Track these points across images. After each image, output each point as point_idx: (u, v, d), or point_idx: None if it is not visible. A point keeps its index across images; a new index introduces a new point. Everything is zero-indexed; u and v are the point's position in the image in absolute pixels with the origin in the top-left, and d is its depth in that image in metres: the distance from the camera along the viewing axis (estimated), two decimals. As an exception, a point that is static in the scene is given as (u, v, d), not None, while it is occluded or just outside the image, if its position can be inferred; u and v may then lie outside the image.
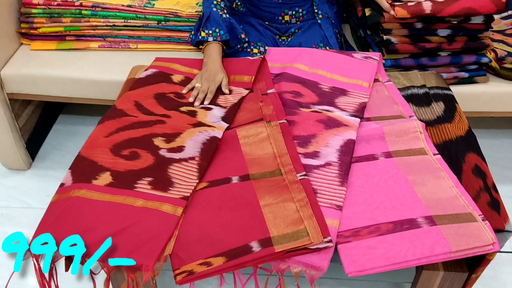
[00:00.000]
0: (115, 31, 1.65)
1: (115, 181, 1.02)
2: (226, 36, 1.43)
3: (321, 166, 1.07)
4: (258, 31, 1.57)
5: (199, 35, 1.44)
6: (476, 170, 1.09)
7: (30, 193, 1.70)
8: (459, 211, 0.97)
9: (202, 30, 1.43)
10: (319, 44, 1.56)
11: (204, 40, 1.43)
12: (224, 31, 1.43)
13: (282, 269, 0.91)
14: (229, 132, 1.17)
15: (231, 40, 1.48)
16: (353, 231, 0.94)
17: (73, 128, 2.00)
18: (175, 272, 0.89)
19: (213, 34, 1.42)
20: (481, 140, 1.21)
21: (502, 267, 1.46)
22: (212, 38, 1.42)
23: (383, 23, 1.43)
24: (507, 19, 1.72)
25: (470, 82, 1.53)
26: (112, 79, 1.55)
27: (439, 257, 0.90)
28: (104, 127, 1.16)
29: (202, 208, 0.98)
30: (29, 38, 1.69)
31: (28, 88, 1.61)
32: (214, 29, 1.42)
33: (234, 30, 1.49)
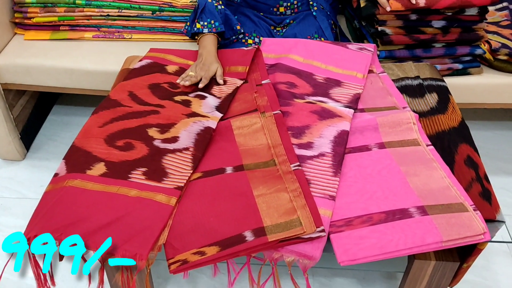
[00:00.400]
0: (109, 21, 1.64)
1: (109, 171, 1.02)
2: (221, 28, 1.43)
3: (314, 157, 1.08)
4: (253, 22, 1.57)
5: (194, 27, 1.44)
6: (469, 161, 1.09)
7: (25, 183, 1.70)
8: (451, 201, 0.98)
9: (197, 21, 1.43)
10: (314, 35, 1.56)
11: (199, 32, 1.43)
12: (219, 22, 1.43)
13: (275, 258, 0.92)
14: (223, 123, 1.17)
15: (226, 31, 1.48)
16: (345, 220, 0.95)
17: (68, 118, 1.99)
18: (169, 261, 0.90)
19: (208, 26, 1.42)
20: (474, 131, 1.22)
21: (493, 256, 1.47)
22: (207, 29, 1.42)
23: (378, 14, 1.43)
24: (501, 10, 1.72)
25: (464, 73, 1.54)
26: (107, 69, 1.55)
27: (430, 247, 0.91)
28: (98, 117, 1.16)
29: (196, 198, 0.99)
30: (23, 28, 1.68)
31: (22, 78, 1.60)
32: (209, 20, 1.42)
33: (229, 21, 1.49)
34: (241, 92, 1.28)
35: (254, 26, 1.57)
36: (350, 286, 1.39)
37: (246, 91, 1.28)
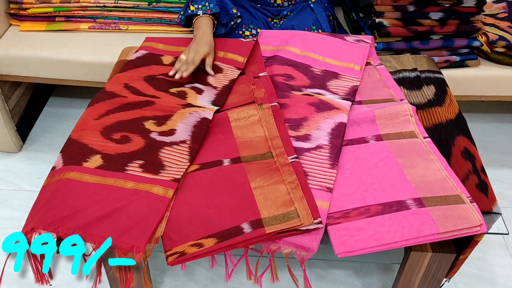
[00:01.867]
0: (106, 12, 1.63)
1: (105, 163, 1.02)
2: (216, 9, 1.39)
3: (312, 149, 1.07)
4: (250, 14, 1.56)
5: (188, 10, 1.40)
6: (465, 153, 1.10)
7: (21, 175, 1.70)
8: (447, 193, 0.98)
9: (191, 4, 1.40)
10: (311, 27, 1.55)
11: (193, 14, 1.39)
12: (214, 4, 1.39)
13: (273, 250, 0.93)
14: (220, 115, 1.17)
15: (222, 15, 1.46)
16: (343, 212, 0.95)
17: (64, 110, 1.98)
18: (167, 253, 0.90)
19: (203, 8, 1.38)
20: (471, 123, 1.22)
21: (490, 248, 1.48)
22: (201, 12, 1.38)
23: (375, 5, 1.43)
24: (499, 2, 1.72)
25: (462, 65, 1.54)
26: (103, 60, 1.54)
27: (426, 238, 0.92)
28: (94, 110, 1.15)
29: (194, 190, 0.99)
30: (18, 19, 1.67)
31: (18, 69, 1.59)
32: (203, 3, 1.39)
33: (225, 6, 1.47)
34: (238, 84, 1.28)
35: (251, 18, 1.56)
36: (347, 278, 1.40)
37: (243, 83, 1.28)
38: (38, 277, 0.92)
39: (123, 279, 0.93)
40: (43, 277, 0.92)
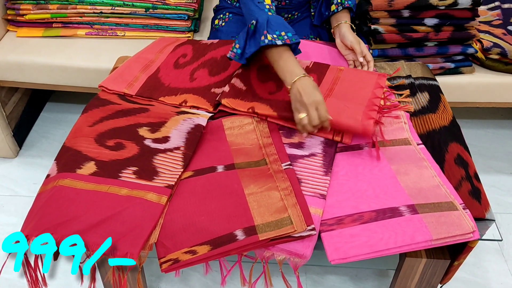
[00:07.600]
0: (103, 18, 1.64)
1: (99, 170, 1.02)
2: (296, 39, 1.14)
3: (306, 156, 1.08)
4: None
5: (265, 40, 1.12)
6: (459, 160, 1.10)
7: (18, 181, 1.70)
8: (440, 200, 0.98)
9: (267, 33, 1.13)
10: (309, 36, 1.56)
11: (271, 44, 1.12)
12: (292, 33, 1.14)
13: (267, 256, 0.93)
14: (214, 122, 1.17)
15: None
16: (336, 219, 0.96)
17: (61, 116, 1.99)
18: (161, 260, 0.90)
19: (279, 38, 1.12)
20: (466, 130, 1.22)
21: (484, 254, 1.49)
22: (280, 41, 1.12)
23: (371, 12, 1.44)
24: (493, 10, 1.73)
25: (456, 72, 1.55)
26: (99, 67, 1.55)
27: (420, 245, 0.92)
28: (88, 117, 1.16)
29: (187, 197, 0.99)
30: (15, 25, 1.67)
31: (15, 75, 1.60)
32: (278, 32, 1.13)
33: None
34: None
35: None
36: (342, 284, 1.40)
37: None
38: (32, 285, 0.92)
39: (117, 285, 0.93)
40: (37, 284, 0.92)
